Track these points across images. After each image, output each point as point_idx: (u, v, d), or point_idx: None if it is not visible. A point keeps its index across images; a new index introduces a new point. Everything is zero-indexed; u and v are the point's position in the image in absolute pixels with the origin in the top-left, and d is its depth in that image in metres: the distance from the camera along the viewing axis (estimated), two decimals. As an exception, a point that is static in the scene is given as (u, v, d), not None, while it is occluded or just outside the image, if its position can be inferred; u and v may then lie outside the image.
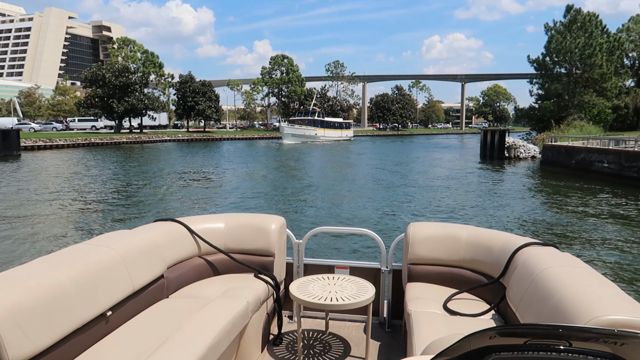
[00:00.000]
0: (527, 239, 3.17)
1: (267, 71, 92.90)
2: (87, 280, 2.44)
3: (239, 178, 24.33)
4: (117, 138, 55.90)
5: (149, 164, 31.31)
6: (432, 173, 26.49)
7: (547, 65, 46.81)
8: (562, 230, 12.40)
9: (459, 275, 3.49)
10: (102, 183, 21.42)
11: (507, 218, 13.94)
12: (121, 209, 15.30)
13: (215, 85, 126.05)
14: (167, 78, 71.65)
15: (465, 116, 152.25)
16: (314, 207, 15.96)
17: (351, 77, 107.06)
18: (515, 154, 32.00)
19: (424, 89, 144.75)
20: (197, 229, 3.58)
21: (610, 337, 1.01)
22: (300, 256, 4.05)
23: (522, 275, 2.76)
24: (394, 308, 3.95)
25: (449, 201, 17.09)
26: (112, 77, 61.36)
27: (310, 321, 3.99)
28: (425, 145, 65.50)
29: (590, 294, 2.14)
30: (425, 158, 38.22)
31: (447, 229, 3.67)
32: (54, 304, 2.19)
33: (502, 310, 3.00)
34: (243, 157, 39.44)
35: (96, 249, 2.73)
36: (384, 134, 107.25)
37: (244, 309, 2.98)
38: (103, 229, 11.94)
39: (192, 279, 3.52)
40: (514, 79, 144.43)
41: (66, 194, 18.06)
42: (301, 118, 73.62)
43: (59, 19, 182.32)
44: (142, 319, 2.82)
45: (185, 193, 18.81)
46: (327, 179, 24.01)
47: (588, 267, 2.59)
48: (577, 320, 1.96)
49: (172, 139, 64.77)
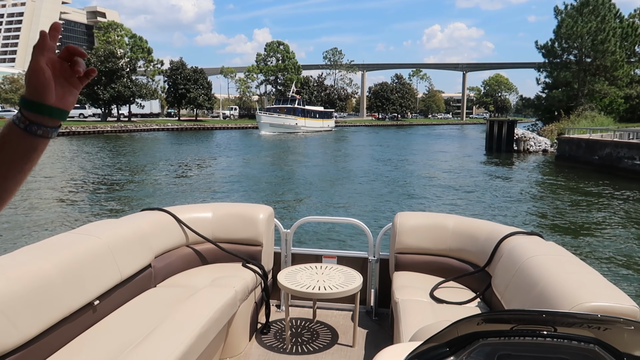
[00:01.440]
0: (513, 228, 3.20)
1: (262, 58, 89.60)
2: (74, 269, 2.43)
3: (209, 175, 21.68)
4: (100, 127, 53.02)
5: (128, 155, 28.69)
6: (434, 168, 23.82)
7: (556, 51, 43.96)
8: (606, 250, 9.81)
9: (446, 264, 3.51)
10: (77, 174, 20.26)
11: (529, 227, 11.32)
12: (99, 200, 14.54)
13: (210, 73, 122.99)
14: (157, 64, 68.24)
15: (466, 106, 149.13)
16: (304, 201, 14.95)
17: (349, 66, 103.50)
18: (525, 147, 29.12)
19: (425, 78, 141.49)
20: (185, 218, 3.54)
21: (593, 322, 1.04)
22: (288, 246, 4.03)
23: (507, 263, 2.79)
24: (381, 297, 3.95)
25: (457, 201, 14.55)
26: (97, 63, 58.29)
27: (298, 310, 3.98)
28: (425, 136, 62.45)
29: (574, 281, 2.17)
30: (425, 151, 35.48)
31: (434, 219, 3.70)
32: (41, 293, 2.18)
33: (488, 298, 3.01)
34: (219, 150, 36.73)
35: (83, 238, 2.71)
36: (383, 124, 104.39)
37: (232, 298, 2.98)
38: (86, 218, 11.42)
39: (179, 269, 3.50)
40: (517, 69, 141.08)
41: (40, 184, 17.05)
42: (279, 106, 66.84)
43: (52, 4, 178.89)
44: (129, 308, 2.81)
45: (165, 186, 17.62)
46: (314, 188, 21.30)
47: (572, 256, 2.62)
48: (561, 307, 1.99)
49: (161, 128, 61.93)
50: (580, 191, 16.98)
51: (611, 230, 11.44)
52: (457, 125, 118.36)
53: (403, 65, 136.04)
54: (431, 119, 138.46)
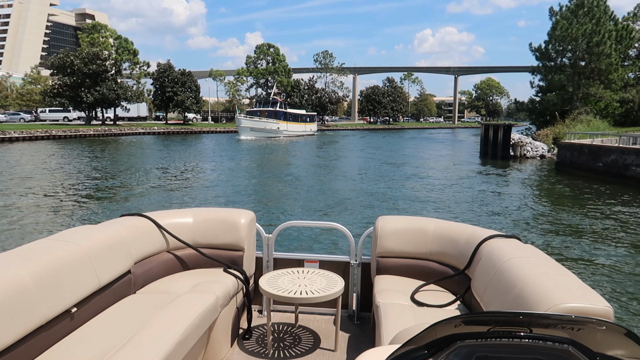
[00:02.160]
0: (492, 232, 3.21)
1: (252, 60, 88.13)
2: (50, 276, 2.38)
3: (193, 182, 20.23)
4: (83, 130, 51.30)
5: (108, 159, 27.15)
6: (425, 176, 22.52)
7: (550, 54, 43.02)
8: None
9: (426, 268, 3.53)
10: (55, 178, 19.46)
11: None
12: (76, 206, 13.98)
13: (200, 76, 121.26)
14: (143, 66, 66.51)
15: (458, 110, 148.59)
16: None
17: (340, 69, 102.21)
18: (522, 152, 27.81)
19: (416, 81, 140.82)
20: (165, 224, 3.50)
21: (567, 323, 1.07)
22: (269, 250, 4.00)
23: (486, 266, 2.81)
24: (363, 301, 3.95)
25: (450, 213, 13.27)
26: (80, 64, 56.59)
27: (280, 315, 3.98)
28: (417, 140, 61.14)
29: (550, 283, 2.21)
30: (416, 156, 34.21)
31: (415, 222, 3.68)
32: (15, 301, 2.14)
33: (468, 300, 3.04)
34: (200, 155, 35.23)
35: (60, 244, 2.66)
36: (374, 127, 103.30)
37: (213, 304, 2.95)
38: (63, 224, 11.18)
39: (160, 274, 3.46)
40: (508, 72, 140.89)
41: (17, 189, 16.56)
42: (260, 109, 62.47)
43: (40, 5, 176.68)
44: (108, 315, 2.77)
45: (144, 191, 16.96)
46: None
47: (548, 258, 2.65)
48: (537, 308, 2.02)
49: (147, 132, 60.30)
50: (587, 200, 15.75)
51: (616, 239, 10.48)
52: (449, 129, 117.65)
53: (395, 69, 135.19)
54: (423, 123, 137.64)
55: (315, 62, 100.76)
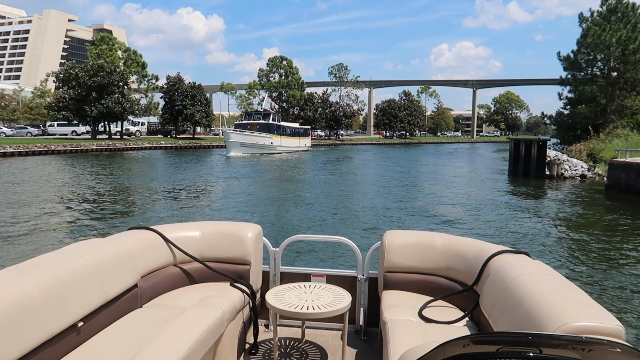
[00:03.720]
0: (500, 247, 3.17)
1: (264, 74, 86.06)
2: (56, 290, 2.38)
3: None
4: (85, 145, 49.27)
5: (108, 174, 24.62)
6: (449, 198, 19.40)
7: (580, 63, 39.67)
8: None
9: (434, 283, 3.49)
10: (59, 193, 19.02)
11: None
12: (82, 220, 13.68)
13: (214, 90, 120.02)
14: (151, 79, 64.72)
15: (476, 124, 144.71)
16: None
17: (355, 82, 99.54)
18: (559, 171, 24.58)
19: (433, 95, 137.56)
20: (172, 237, 3.51)
21: (578, 344, 1.07)
22: (276, 264, 3.97)
23: (495, 282, 2.78)
24: (370, 316, 3.91)
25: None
26: (85, 77, 54.89)
27: (287, 330, 3.96)
28: (436, 155, 57.74)
29: (560, 300, 2.17)
30: (436, 176, 30.99)
31: (422, 237, 3.65)
32: (21, 315, 2.14)
33: (476, 317, 3.01)
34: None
35: (67, 258, 2.67)
36: (390, 142, 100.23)
37: (220, 318, 2.95)
38: (70, 239, 11.06)
39: (166, 288, 3.45)
40: (528, 85, 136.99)
41: (22, 204, 16.15)
42: (251, 122, 55.86)
43: (58, 21, 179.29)
44: (114, 330, 2.77)
45: (148, 206, 16.32)
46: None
47: (558, 275, 2.62)
48: (547, 327, 1.99)
49: (153, 147, 58.17)
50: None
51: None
52: (468, 143, 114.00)
53: (411, 82, 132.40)
54: (440, 137, 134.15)
55: (329, 74, 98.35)
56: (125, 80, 58.59)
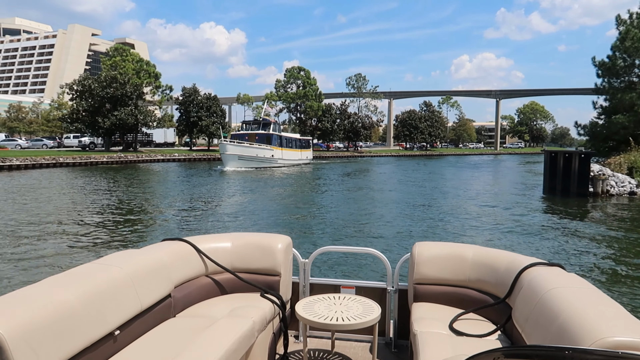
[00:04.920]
0: (533, 259, 3.12)
1: (281, 85, 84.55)
2: (95, 299, 2.46)
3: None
4: (95, 157, 48.06)
5: (123, 187, 22.88)
6: (474, 218, 16.92)
7: (618, 69, 36.73)
8: None
9: (465, 295, 3.44)
10: (83, 205, 18.71)
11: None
12: (115, 231, 13.32)
13: (230, 102, 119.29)
14: (165, 90, 63.67)
15: (499, 135, 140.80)
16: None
17: (374, 93, 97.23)
18: (604, 188, 21.78)
19: (455, 105, 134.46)
20: (204, 248, 3.57)
21: (614, 359, 1.05)
22: (306, 275, 3.98)
23: (528, 295, 2.75)
24: (400, 328, 3.88)
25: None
26: (98, 88, 54.01)
27: (316, 341, 3.95)
28: (458, 167, 54.82)
29: (596, 314, 2.12)
30: (460, 191, 28.45)
31: (453, 249, 3.60)
32: (63, 323, 2.21)
33: (509, 330, 2.98)
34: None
35: (105, 268, 2.75)
36: (411, 154, 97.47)
37: (250, 329, 2.99)
38: (105, 249, 11.14)
39: (198, 298, 3.50)
40: (553, 95, 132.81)
41: (58, 216, 16.25)
42: (249, 132, 50.36)
43: (82, 35, 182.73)
44: (149, 339, 2.82)
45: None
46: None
47: (594, 288, 2.55)
48: (582, 342, 1.96)
49: (166, 159, 56.76)
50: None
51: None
52: (491, 155, 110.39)
53: (432, 93, 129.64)
54: (462, 149, 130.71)
55: (347, 85, 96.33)
56: (139, 91, 57.54)
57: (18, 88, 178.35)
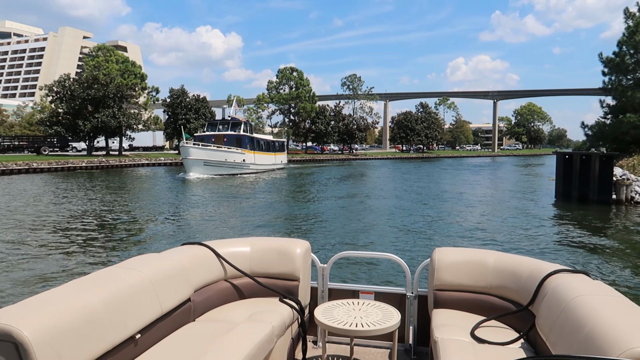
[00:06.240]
0: (557, 266, 3.05)
1: (273, 86, 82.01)
2: (117, 303, 2.46)
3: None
4: (74, 162, 45.39)
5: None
6: (477, 233, 14.46)
7: (627, 65, 34.42)
8: None
9: (486, 302, 3.36)
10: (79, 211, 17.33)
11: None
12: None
13: (221, 104, 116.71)
14: (151, 92, 61.00)
15: (497, 137, 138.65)
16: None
17: (369, 94, 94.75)
18: (628, 194, 19.32)
19: (452, 107, 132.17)
20: (224, 253, 3.56)
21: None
22: (324, 281, 3.94)
23: (552, 303, 2.69)
24: (420, 334, 3.82)
25: None
26: (78, 89, 51.36)
27: (335, 346, 3.90)
28: (457, 171, 52.36)
29: (624, 323, 2.06)
30: (461, 199, 26.00)
31: (474, 255, 3.54)
32: (86, 327, 2.21)
33: (532, 339, 2.91)
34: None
35: (126, 272, 2.74)
36: (407, 156, 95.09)
37: (269, 334, 2.97)
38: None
39: (218, 303, 3.49)
40: (551, 96, 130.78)
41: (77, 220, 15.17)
42: (216, 133, 43.56)
43: (74, 38, 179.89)
44: (169, 343, 2.82)
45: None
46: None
47: (621, 296, 2.48)
48: (610, 352, 1.91)
49: (151, 163, 54.19)
50: None
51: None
52: (489, 157, 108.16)
53: (428, 94, 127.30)
54: (460, 151, 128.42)
55: (342, 86, 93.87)
56: (122, 93, 54.91)
57: (8, 92, 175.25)
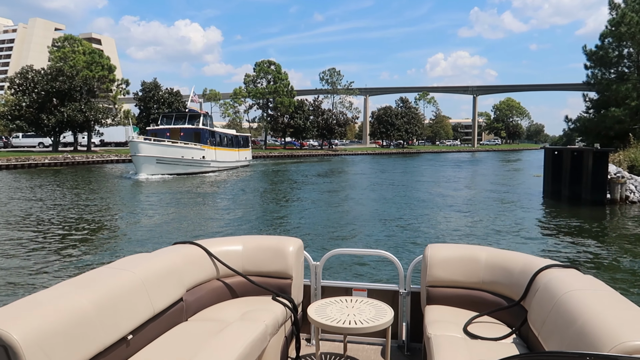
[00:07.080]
0: (548, 261, 3.07)
1: (251, 79, 79.74)
2: (108, 304, 2.45)
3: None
4: (36, 158, 42.74)
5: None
6: (467, 238, 13.02)
7: (611, 58, 33.58)
8: None
9: (479, 298, 3.38)
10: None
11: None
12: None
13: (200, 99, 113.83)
14: (121, 84, 58.33)
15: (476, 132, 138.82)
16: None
17: (348, 89, 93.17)
18: (623, 193, 17.86)
19: (432, 102, 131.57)
20: (216, 252, 3.55)
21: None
22: (317, 278, 3.93)
23: (543, 298, 2.72)
24: (413, 331, 3.85)
25: None
26: (42, 82, 48.53)
27: (329, 344, 3.91)
28: (438, 167, 51.36)
29: (615, 318, 2.09)
30: (444, 201, 24.68)
31: (466, 251, 3.56)
32: (77, 328, 2.20)
33: (524, 334, 2.94)
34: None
35: (117, 272, 2.72)
36: (387, 151, 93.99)
37: (263, 333, 2.97)
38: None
39: (210, 302, 3.48)
40: (531, 91, 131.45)
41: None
42: (171, 127, 38.63)
43: (45, 30, 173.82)
44: (162, 343, 2.81)
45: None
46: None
47: (612, 290, 2.51)
48: (601, 346, 1.92)
49: (120, 159, 51.67)
50: None
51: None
52: (469, 152, 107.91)
53: (408, 89, 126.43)
54: (440, 146, 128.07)
55: (321, 80, 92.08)
56: (90, 86, 52.19)
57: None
